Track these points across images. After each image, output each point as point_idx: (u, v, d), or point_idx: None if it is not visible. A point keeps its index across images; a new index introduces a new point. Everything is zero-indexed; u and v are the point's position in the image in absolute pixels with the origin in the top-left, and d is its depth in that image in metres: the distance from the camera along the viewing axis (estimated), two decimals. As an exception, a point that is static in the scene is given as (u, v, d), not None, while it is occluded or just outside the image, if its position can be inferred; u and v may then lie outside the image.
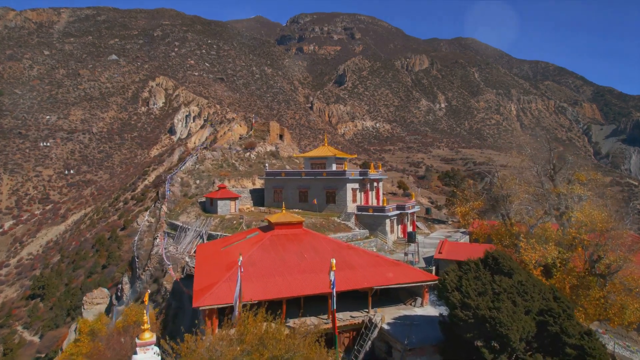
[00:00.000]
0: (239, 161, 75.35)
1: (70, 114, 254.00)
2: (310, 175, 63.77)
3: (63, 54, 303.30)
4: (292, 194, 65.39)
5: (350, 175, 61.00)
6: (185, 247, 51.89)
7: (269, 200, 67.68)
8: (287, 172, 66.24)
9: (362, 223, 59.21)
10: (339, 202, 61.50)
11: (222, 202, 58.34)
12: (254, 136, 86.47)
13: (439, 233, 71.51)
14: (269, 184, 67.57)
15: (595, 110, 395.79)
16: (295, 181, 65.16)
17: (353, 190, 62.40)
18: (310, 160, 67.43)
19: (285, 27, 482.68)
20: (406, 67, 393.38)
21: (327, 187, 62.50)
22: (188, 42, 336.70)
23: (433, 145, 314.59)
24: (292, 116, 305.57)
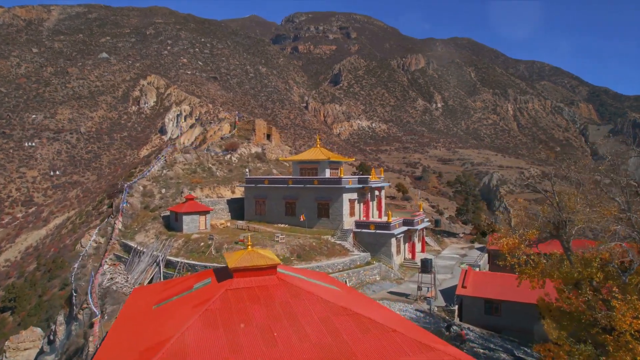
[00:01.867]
0: (217, 165, 63.09)
1: (57, 113, 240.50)
2: (299, 183, 51.56)
3: (52, 52, 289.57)
4: (276, 205, 53.16)
5: (347, 184, 48.81)
6: (136, 277, 39.60)
7: (250, 213, 55.45)
8: (271, 179, 53.97)
9: (361, 243, 47.02)
10: (334, 216, 49.30)
11: (188, 218, 46.07)
12: (237, 136, 74.17)
13: (451, 250, 59.45)
14: (249, 193, 55.34)
15: (591, 110, 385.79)
16: (280, 190, 52.94)
17: (350, 201, 50.19)
18: (300, 165, 55.26)
19: (281, 27, 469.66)
20: (402, 67, 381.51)
21: (319, 198, 50.29)
22: (181, 40, 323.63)
23: (430, 146, 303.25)
24: (287, 116, 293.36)
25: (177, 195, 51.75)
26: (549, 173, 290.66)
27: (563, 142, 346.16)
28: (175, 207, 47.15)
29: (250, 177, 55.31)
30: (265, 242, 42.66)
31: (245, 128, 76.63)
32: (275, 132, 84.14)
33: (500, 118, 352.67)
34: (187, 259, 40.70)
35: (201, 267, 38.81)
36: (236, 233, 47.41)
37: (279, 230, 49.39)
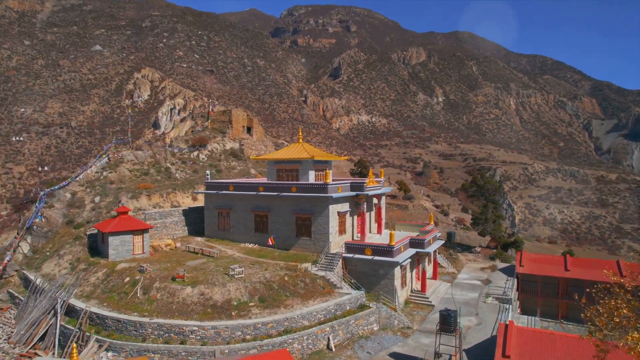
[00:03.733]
0: (179, 165, 49.67)
1: (47, 106, 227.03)
2: (272, 189, 38.03)
3: (45, 45, 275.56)
4: (244, 219, 39.68)
5: (335, 191, 35.23)
6: (23, 332, 26.26)
7: (211, 228, 41.98)
8: (237, 185, 40.40)
9: (354, 273, 33.54)
10: (317, 235, 35.80)
11: (117, 239, 32.67)
12: (210, 128, 60.50)
13: (470, 273, 45.81)
14: (210, 202, 41.87)
15: (594, 104, 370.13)
16: (248, 199, 39.47)
17: (340, 215, 36.63)
18: (276, 165, 41.72)
19: (280, 20, 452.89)
20: (403, 60, 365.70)
21: (298, 211, 36.81)
22: (177, 33, 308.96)
23: (431, 140, 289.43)
24: (285, 110, 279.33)
25: (114, 205, 38.50)
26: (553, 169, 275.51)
27: (566, 137, 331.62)
28: (101, 225, 33.88)
29: (211, 181, 41.78)
30: (215, 277, 29.26)
31: (221, 119, 63.22)
32: (257, 125, 70.51)
33: (502, 113, 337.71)
34: (101, 304, 27.32)
35: (113, 320, 25.42)
36: (184, 258, 34.01)
37: (245, 254, 35.95)
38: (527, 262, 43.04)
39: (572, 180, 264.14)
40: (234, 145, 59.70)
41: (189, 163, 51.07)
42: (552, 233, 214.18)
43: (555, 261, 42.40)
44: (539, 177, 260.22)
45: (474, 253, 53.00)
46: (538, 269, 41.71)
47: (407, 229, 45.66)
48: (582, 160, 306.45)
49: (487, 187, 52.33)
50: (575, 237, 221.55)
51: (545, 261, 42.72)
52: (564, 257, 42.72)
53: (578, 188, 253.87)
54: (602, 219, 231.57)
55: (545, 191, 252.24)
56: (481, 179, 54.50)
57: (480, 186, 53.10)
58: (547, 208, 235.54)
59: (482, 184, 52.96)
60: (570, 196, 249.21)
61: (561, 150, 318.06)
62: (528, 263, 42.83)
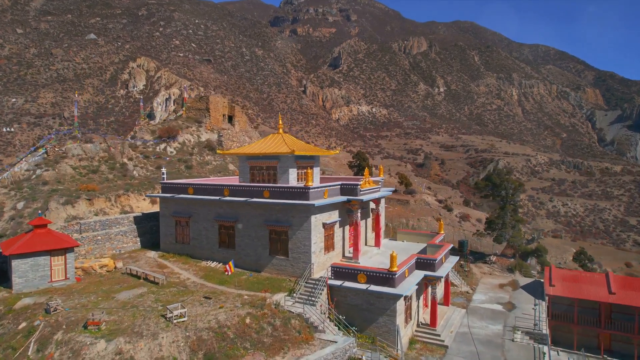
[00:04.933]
0: (139, 160, 40.76)
1: (39, 96, 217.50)
2: (240, 193, 29.08)
3: (38, 33, 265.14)
4: (206, 230, 30.77)
5: (319, 197, 26.26)
6: None
7: (168, 240, 33.14)
8: (198, 187, 31.44)
9: (343, 306, 24.68)
10: (296, 253, 26.89)
11: (24, 263, 23.88)
12: (184, 117, 51.44)
13: (487, 292, 36.94)
14: (166, 207, 32.94)
15: (598, 95, 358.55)
16: (211, 206, 30.54)
17: (327, 227, 27.69)
18: (249, 161, 32.73)
19: (279, 9, 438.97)
20: (404, 50, 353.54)
21: (273, 222, 27.86)
22: (174, 21, 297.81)
23: (432, 131, 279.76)
24: (284, 100, 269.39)
25: (42, 213, 29.77)
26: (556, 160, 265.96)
27: (569, 128, 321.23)
28: (5, 244, 25.16)
29: (167, 182, 32.87)
30: (146, 322, 20.49)
31: (197, 107, 54.14)
32: (240, 113, 61.15)
33: (504, 103, 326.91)
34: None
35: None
36: (119, 287, 25.23)
37: (202, 278, 27.18)
38: (559, 280, 34.24)
39: (576, 172, 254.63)
40: (212, 136, 50.82)
41: (153, 158, 42.31)
42: (556, 226, 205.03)
43: (595, 281, 33.57)
44: (542, 169, 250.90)
45: (488, 263, 44.27)
46: (574, 291, 32.91)
47: (412, 238, 36.85)
48: (586, 151, 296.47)
49: (505, 185, 43.42)
50: (580, 230, 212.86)
51: (582, 280, 33.93)
52: (606, 276, 33.89)
53: (582, 180, 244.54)
54: (607, 211, 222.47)
55: (548, 183, 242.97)
56: (497, 176, 45.47)
57: (496, 185, 44.13)
58: (551, 201, 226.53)
59: (498, 182, 43.99)
60: (574, 188, 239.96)
61: (564, 141, 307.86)
62: (560, 282, 34.02)
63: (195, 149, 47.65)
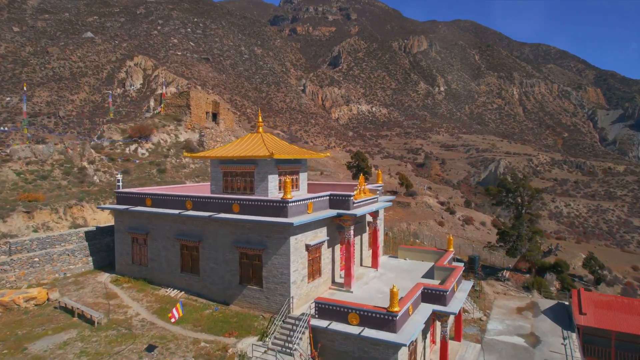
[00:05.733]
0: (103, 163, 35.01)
1: (34, 95, 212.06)
2: (205, 207, 23.23)
3: (34, 32, 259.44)
4: (166, 250, 24.85)
5: (300, 213, 20.27)
6: None
7: (124, 261, 27.27)
8: (157, 197, 25.61)
9: (330, 354, 18.63)
10: (272, 283, 20.88)
11: None
12: (163, 114, 45.67)
13: (503, 319, 31.01)
14: (122, 222, 27.10)
15: (599, 94, 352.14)
16: (172, 221, 24.62)
17: (311, 250, 21.71)
18: (222, 166, 26.87)
19: (279, 8, 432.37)
20: (404, 49, 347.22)
21: (244, 243, 21.88)
22: (173, 20, 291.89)
23: (432, 131, 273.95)
24: (282, 99, 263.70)
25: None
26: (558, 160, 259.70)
27: (571, 128, 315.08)
28: None
29: (122, 190, 27.12)
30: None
31: (177, 104, 48.38)
32: (225, 111, 55.22)
33: (505, 102, 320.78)
34: None
35: None
36: (41, 329, 19.44)
37: (155, 314, 21.38)
38: (592, 307, 28.42)
39: (578, 172, 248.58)
40: (192, 136, 45.11)
41: (120, 160, 36.60)
42: (559, 227, 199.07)
43: (636, 309, 27.74)
44: (544, 169, 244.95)
45: (501, 280, 38.50)
46: (611, 321, 27.09)
47: (416, 256, 31.05)
48: (587, 151, 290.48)
49: (521, 192, 37.67)
50: (583, 231, 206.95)
51: (619, 308, 28.10)
52: (648, 302, 28.05)
53: (585, 180, 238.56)
54: (611, 212, 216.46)
55: (550, 183, 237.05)
56: (512, 181, 39.63)
57: (511, 191, 38.32)
58: (553, 201, 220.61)
59: (513, 188, 38.16)
60: (576, 189, 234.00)
61: (565, 141, 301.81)
62: (593, 310, 28.21)
63: (171, 150, 41.95)
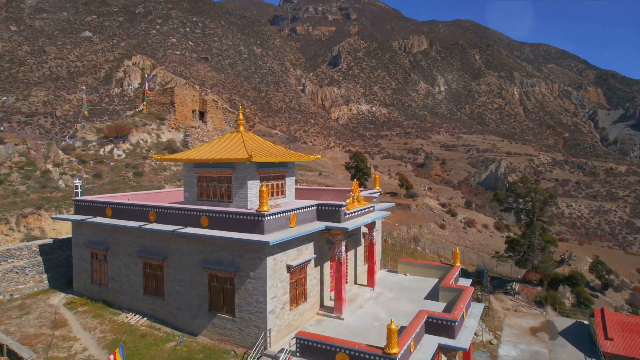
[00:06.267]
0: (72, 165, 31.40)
1: (31, 94, 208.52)
2: (169, 219, 19.38)
3: (32, 31, 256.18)
4: (128, 268, 20.97)
5: (280, 227, 16.34)
6: None
7: (82, 279, 23.50)
8: (118, 207, 21.89)
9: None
10: (246, 312, 16.92)
11: None
12: (145, 112, 42.05)
13: (516, 344, 27.18)
14: (80, 234, 23.33)
15: (600, 94, 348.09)
16: (133, 235, 20.79)
17: (294, 271, 17.74)
18: (196, 171, 23.10)
19: (279, 7, 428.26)
20: (404, 49, 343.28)
21: (214, 264, 17.98)
22: (171, 19, 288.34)
23: (432, 131, 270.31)
24: (282, 99, 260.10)
25: None
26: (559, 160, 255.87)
27: (571, 128, 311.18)
28: None
29: (82, 198, 23.49)
30: None
31: (160, 101, 44.75)
32: (213, 109, 51.41)
33: (505, 102, 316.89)
34: None
35: None
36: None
37: (105, 348, 17.71)
38: (619, 331, 24.73)
39: (580, 172, 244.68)
40: (176, 136, 41.49)
41: (92, 163, 33.01)
42: (560, 228, 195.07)
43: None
44: (545, 169, 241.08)
45: (510, 293, 34.87)
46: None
47: (418, 271, 27.37)
48: (588, 151, 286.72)
49: (532, 197, 33.99)
50: (585, 232, 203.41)
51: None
52: (684, 326, 24.33)
53: (586, 181, 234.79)
54: (613, 213, 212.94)
55: (552, 184, 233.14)
56: (523, 185, 35.91)
57: (521, 196, 34.64)
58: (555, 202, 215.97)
59: (524, 193, 34.48)
60: (578, 189, 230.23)
61: (566, 141, 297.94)
62: (621, 334, 24.52)
63: (151, 151, 38.45)
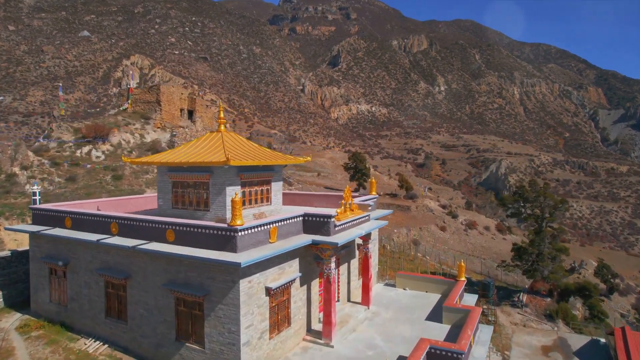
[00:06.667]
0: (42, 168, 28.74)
1: (28, 94, 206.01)
2: (132, 232, 16.52)
3: (30, 30, 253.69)
4: (89, 286, 18.04)
5: (258, 243, 13.44)
6: None
7: (40, 298, 20.63)
8: (77, 217, 19.09)
9: None
10: (217, 341, 13.87)
11: None
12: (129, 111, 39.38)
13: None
14: (37, 247, 20.45)
15: (600, 94, 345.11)
16: (94, 250, 17.96)
17: (275, 293, 14.66)
18: (171, 175, 20.33)
19: (278, 7, 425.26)
20: (404, 48, 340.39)
21: (181, 286, 15.03)
22: (170, 19, 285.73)
23: (432, 131, 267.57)
24: (281, 99, 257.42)
25: None
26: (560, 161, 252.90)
27: (572, 128, 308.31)
28: None
29: (41, 206, 20.80)
30: None
31: (145, 99, 42.08)
32: (203, 108, 48.68)
33: (506, 102, 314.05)
34: None
35: None
36: None
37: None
38: (642, 355, 21.94)
39: (581, 172, 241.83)
40: (162, 136, 38.79)
41: (66, 165, 30.32)
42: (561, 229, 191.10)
43: None
44: (546, 169, 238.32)
45: (518, 306, 32.20)
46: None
47: (418, 285, 24.65)
48: (589, 151, 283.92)
49: (541, 202, 31.21)
50: (586, 233, 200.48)
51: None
52: None
53: (587, 181, 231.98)
54: (614, 213, 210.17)
55: (553, 184, 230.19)
56: (531, 189, 33.05)
57: (529, 201, 31.76)
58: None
59: (532, 197, 31.64)
60: (579, 189, 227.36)
61: (567, 141, 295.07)
62: (645, 358, 21.72)
63: (133, 153, 35.76)
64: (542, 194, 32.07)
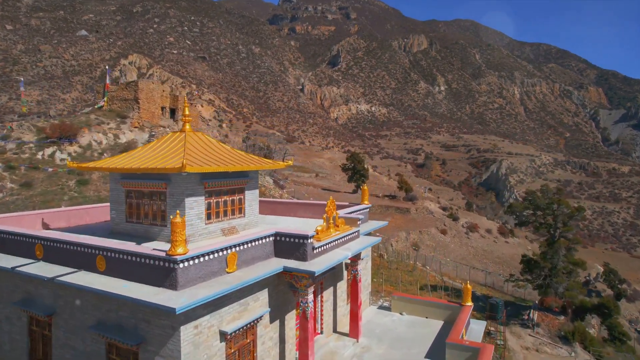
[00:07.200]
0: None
1: (24, 94, 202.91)
2: (55, 256, 12.76)
3: (28, 30, 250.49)
4: (10, 323, 14.24)
5: (209, 276, 9.66)
6: None
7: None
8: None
9: None
10: None
11: None
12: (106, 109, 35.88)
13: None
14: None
15: (601, 94, 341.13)
16: (16, 280, 14.24)
17: (233, 338, 10.69)
18: (124, 182, 16.64)
19: (278, 7, 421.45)
20: (404, 48, 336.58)
21: (111, 330, 11.12)
22: (169, 18, 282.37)
23: (432, 131, 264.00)
24: (280, 98, 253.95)
25: None
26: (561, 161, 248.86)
27: (573, 128, 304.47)
28: None
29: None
30: None
31: (123, 97, 38.62)
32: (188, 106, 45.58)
33: (506, 102, 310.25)
34: None
35: None
36: None
37: None
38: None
39: (582, 172, 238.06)
40: (139, 136, 35.28)
41: (23, 168, 27.00)
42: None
43: None
44: (547, 170, 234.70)
45: (529, 325, 28.68)
46: None
47: (417, 310, 21.09)
48: (590, 151, 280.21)
49: (553, 210, 27.59)
50: (588, 234, 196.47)
51: None
52: None
53: (589, 181, 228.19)
54: (616, 214, 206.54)
55: (553, 185, 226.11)
56: (543, 196, 29.49)
57: (541, 209, 28.18)
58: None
59: (544, 204, 28.04)
60: (580, 190, 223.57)
61: (567, 141, 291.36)
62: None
63: (105, 155, 32.33)
64: (556, 201, 28.48)
